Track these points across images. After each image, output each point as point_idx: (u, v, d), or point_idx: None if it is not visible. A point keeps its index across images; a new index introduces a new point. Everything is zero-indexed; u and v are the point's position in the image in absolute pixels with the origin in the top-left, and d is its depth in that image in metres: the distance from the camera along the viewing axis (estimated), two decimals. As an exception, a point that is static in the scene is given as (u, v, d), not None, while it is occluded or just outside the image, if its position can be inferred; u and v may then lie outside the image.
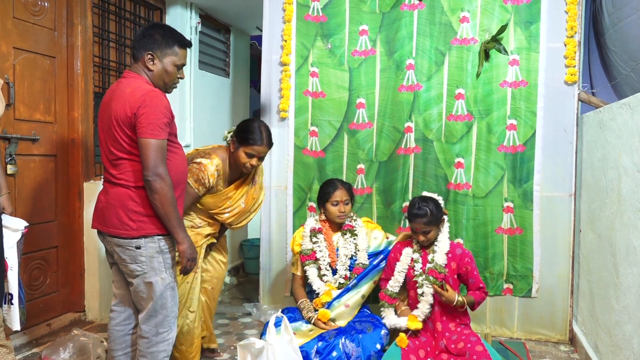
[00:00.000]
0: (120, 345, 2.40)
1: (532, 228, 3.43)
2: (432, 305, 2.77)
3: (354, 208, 3.34)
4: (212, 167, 2.68)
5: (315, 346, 2.67)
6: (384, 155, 3.62)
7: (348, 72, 3.65)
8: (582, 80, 3.44)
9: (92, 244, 3.50)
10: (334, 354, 2.64)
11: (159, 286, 2.22)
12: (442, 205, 2.87)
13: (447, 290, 2.68)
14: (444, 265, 2.76)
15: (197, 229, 2.81)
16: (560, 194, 3.40)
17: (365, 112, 3.64)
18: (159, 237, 2.21)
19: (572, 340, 3.40)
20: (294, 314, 3.04)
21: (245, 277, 5.18)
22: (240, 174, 2.87)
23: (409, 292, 2.91)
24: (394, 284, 2.88)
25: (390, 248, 3.08)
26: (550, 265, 3.43)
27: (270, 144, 2.78)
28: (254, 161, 2.72)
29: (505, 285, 3.49)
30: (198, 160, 2.69)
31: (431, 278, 2.72)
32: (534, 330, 3.49)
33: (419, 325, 2.73)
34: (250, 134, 2.70)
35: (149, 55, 2.23)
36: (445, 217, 2.86)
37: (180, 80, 2.35)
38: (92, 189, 3.47)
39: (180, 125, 4.41)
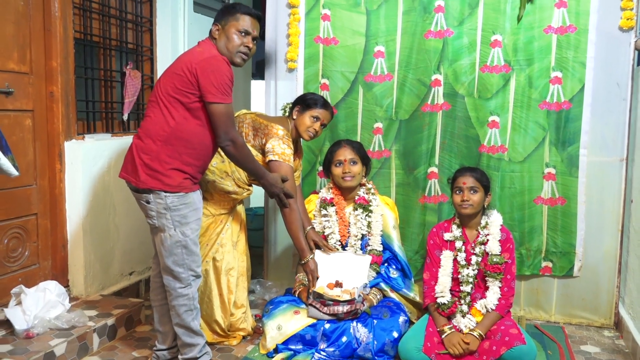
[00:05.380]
0: (157, 297, 2.61)
1: (577, 198, 3.22)
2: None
3: (370, 175, 3.18)
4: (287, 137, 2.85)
5: (322, 328, 2.58)
6: (405, 113, 3.37)
7: (365, 14, 3.37)
8: (638, 27, 3.14)
9: (75, 212, 3.26)
10: (344, 339, 2.56)
11: (167, 241, 2.39)
12: None
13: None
14: (499, 253, 2.62)
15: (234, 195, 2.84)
16: (610, 158, 3.18)
17: (384, 62, 3.38)
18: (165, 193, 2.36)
19: (618, 324, 3.23)
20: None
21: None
22: (295, 147, 2.96)
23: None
24: (441, 291, 2.64)
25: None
26: (595, 241, 3.24)
27: (332, 113, 2.95)
28: (317, 125, 2.84)
29: (544, 264, 3.29)
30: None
31: (495, 274, 2.60)
32: (574, 314, 3.31)
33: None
34: (312, 99, 2.89)
35: (216, 26, 2.45)
36: (490, 196, 2.71)
37: (248, 49, 2.45)
38: (75, 150, 3.23)
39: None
